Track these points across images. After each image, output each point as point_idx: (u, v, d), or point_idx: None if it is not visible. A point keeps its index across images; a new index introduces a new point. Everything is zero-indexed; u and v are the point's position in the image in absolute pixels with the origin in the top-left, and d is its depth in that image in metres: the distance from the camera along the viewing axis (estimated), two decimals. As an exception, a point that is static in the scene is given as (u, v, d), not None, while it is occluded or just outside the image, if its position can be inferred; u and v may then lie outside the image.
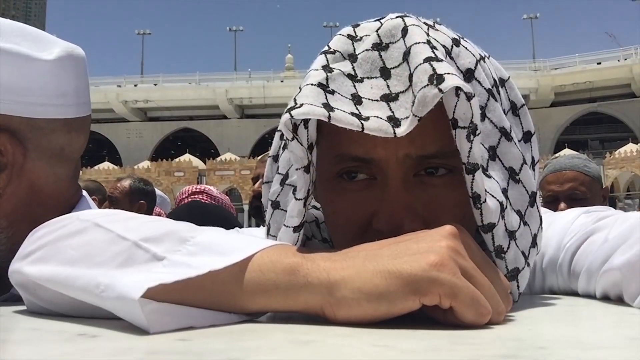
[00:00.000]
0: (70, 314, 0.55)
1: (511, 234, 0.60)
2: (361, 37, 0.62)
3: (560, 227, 0.75)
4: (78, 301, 0.51)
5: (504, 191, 0.60)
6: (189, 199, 3.21)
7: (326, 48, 0.61)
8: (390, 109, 0.57)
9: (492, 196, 0.57)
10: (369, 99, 0.57)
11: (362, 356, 0.38)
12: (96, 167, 35.65)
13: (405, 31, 0.59)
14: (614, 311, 0.59)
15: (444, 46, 0.59)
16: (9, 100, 0.78)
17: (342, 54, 0.61)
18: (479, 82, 0.60)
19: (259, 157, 2.87)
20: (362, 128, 0.54)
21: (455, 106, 0.54)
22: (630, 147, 33.08)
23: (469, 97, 0.53)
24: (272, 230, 0.69)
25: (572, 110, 46.43)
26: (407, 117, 0.55)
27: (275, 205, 0.70)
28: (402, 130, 0.54)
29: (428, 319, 0.47)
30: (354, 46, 0.61)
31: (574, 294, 0.73)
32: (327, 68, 0.59)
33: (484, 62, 0.63)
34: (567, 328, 0.52)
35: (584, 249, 0.70)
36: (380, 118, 0.55)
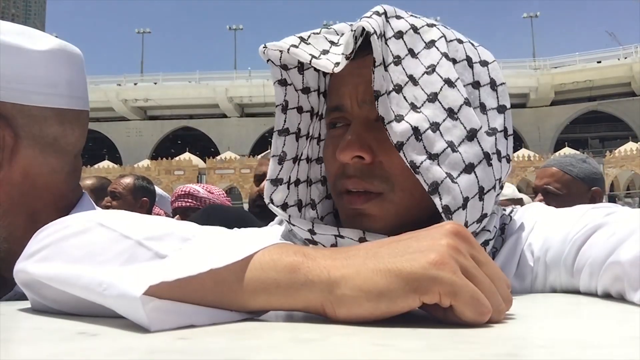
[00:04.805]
0: (73, 312, 0.55)
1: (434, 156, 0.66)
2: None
3: (567, 220, 0.75)
4: (81, 299, 0.51)
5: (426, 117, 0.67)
6: (176, 204, 3.17)
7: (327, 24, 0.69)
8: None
9: (405, 121, 0.65)
10: (334, 54, 0.69)
11: (362, 355, 0.38)
12: (96, 166, 35.65)
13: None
14: (615, 309, 0.59)
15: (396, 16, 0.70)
16: (0, 86, 0.80)
17: (336, 31, 0.73)
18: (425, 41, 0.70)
19: (262, 154, 2.81)
20: (310, 62, 0.67)
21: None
22: (630, 146, 33.11)
23: (375, 32, 0.64)
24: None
25: (573, 109, 46.44)
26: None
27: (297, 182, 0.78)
28: (338, 68, 0.65)
29: (428, 317, 0.47)
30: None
31: (576, 292, 0.73)
32: (316, 32, 0.71)
33: (454, 40, 0.71)
34: (568, 326, 0.52)
35: (590, 242, 0.70)
36: (329, 60, 0.67)
